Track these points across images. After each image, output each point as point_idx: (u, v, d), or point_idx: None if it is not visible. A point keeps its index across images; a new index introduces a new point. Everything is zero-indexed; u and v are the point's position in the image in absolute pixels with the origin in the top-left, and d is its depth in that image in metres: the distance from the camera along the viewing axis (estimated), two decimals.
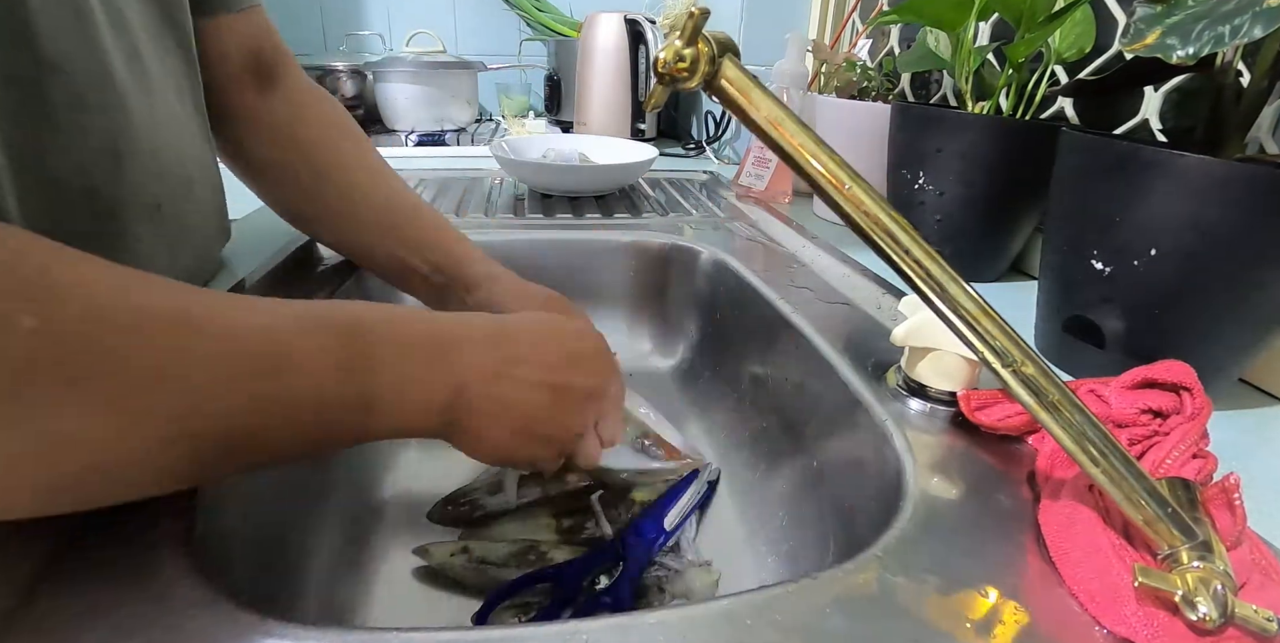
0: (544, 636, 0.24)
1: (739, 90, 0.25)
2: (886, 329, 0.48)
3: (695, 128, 1.37)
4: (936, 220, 0.60)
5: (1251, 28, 0.31)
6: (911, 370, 0.39)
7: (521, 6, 1.54)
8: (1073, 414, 0.25)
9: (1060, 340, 0.45)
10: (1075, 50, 0.55)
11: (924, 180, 0.60)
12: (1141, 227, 0.39)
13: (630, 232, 0.70)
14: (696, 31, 0.24)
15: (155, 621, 0.23)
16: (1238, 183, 0.35)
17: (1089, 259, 0.42)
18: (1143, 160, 0.38)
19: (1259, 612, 0.23)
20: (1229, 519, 0.28)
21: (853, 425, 0.40)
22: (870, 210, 0.25)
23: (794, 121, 0.25)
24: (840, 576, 0.27)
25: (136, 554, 0.26)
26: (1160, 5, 0.36)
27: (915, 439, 0.36)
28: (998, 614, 0.25)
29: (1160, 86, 0.53)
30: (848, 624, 0.24)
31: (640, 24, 1.19)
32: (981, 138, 0.56)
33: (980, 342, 0.26)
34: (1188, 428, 0.31)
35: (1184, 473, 0.30)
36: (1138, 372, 0.34)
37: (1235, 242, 0.36)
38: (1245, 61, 0.44)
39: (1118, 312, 0.41)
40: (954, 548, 0.28)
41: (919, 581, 0.26)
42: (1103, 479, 0.25)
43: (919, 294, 0.26)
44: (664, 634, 0.24)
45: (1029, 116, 0.58)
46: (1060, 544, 0.28)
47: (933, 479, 0.33)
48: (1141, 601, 0.24)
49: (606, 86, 1.23)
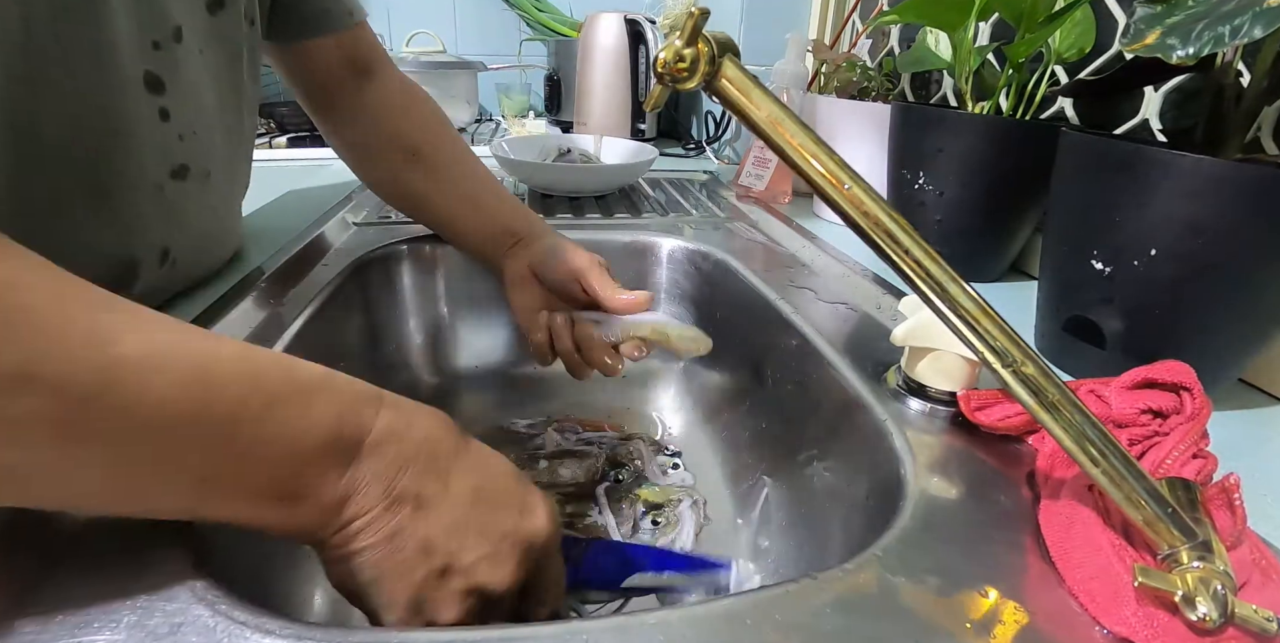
0: (544, 636, 0.24)
1: (739, 90, 0.25)
2: (886, 329, 0.48)
3: (695, 128, 1.37)
4: (936, 220, 0.60)
5: (1251, 28, 0.31)
6: (911, 370, 0.39)
7: (521, 6, 1.54)
8: (1073, 414, 0.25)
9: (1060, 340, 0.45)
10: (1075, 50, 0.55)
11: (924, 180, 0.60)
12: (1141, 227, 0.39)
13: (630, 232, 0.70)
14: (696, 31, 0.24)
15: (155, 620, 0.23)
16: (1238, 183, 0.35)
17: (1089, 259, 0.42)
18: (1143, 160, 0.38)
19: (1259, 612, 0.23)
20: (1229, 519, 0.28)
21: (853, 425, 0.40)
22: (870, 210, 0.25)
23: (794, 122, 0.25)
24: (840, 576, 0.27)
25: (137, 553, 0.26)
26: (1160, 5, 0.36)
27: (915, 439, 0.36)
28: (998, 614, 0.25)
29: (1160, 87, 0.53)
30: (848, 624, 0.24)
31: (640, 24, 1.19)
32: (982, 138, 0.56)
33: (980, 342, 0.26)
34: (1188, 428, 0.31)
35: (1184, 473, 0.30)
36: (1138, 372, 0.34)
37: (1235, 242, 0.36)
38: (1245, 61, 0.44)
39: (1118, 312, 0.41)
40: (954, 548, 0.28)
41: (919, 581, 0.26)
42: (1103, 479, 0.25)
43: (919, 294, 0.26)
44: (664, 634, 0.24)
45: (1029, 117, 0.58)
46: (1060, 544, 0.28)
47: (933, 479, 0.33)
48: (1141, 601, 0.24)
49: (606, 87, 1.23)
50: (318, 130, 0.62)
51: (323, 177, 0.94)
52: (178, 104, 0.43)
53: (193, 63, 0.44)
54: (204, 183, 0.47)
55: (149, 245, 0.44)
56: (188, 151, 0.45)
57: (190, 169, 0.45)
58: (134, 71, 0.40)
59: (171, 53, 0.42)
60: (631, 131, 1.26)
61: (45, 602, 0.24)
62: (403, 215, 0.73)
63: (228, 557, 0.29)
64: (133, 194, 0.41)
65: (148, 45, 0.40)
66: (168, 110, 0.42)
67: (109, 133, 0.39)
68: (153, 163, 0.42)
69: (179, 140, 0.44)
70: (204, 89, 0.46)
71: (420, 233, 0.66)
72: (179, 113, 0.43)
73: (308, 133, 1.21)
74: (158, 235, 0.44)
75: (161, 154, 0.43)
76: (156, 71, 0.41)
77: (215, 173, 0.49)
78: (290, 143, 1.17)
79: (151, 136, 0.42)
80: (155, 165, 0.43)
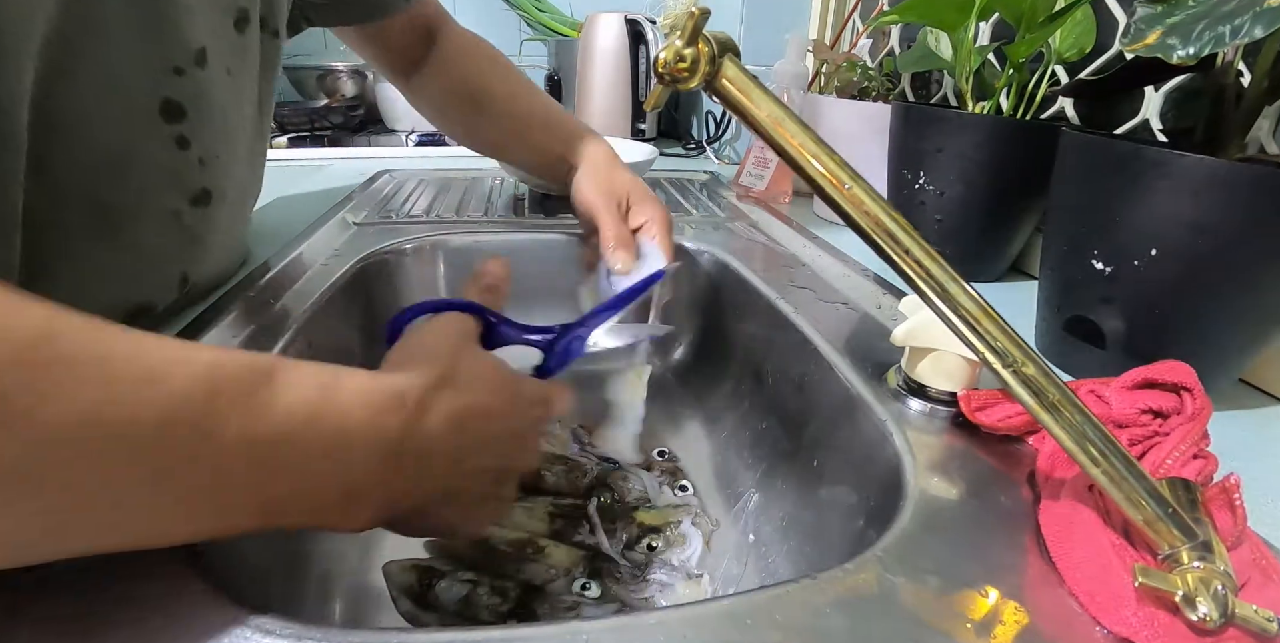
0: (544, 636, 0.24)
1: (739, 90, 0.25)
2: (886, 329, 0.48)
3: (695, 128, 1.37)
4: (937, 220, 0.60)
5: (1252, 28, 0.31)
6: (912, 370, 0.39)
7: (521, 6, 1.54)
8: (1073, 414, 0.25)
9: (1060, 340, 0.45)
10: (1076, 50, 0.55)
11: (924, 180, 0.60)
12: (1142, 227, 0.39)
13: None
14: (697, 31, 0.24)
15: (155, 620, 0.23)
16: (1238, 183, 0.35)
17: (1089, 259, 0.42)
18: (1143, 160, 0.38)
19: (1259, 612, 0.23)
20: (1229, 519, 0.28)
21: (853, 425, 0.40)
22: (870, 210, 0.25)
23: (794, 122, 0.25)
24: (840, 576, 0.27)
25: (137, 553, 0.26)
26: (1160, 5, 0.36)
27: (915, 439, 0.36)
28: (998, 614, 0.25)
29: (1160, 86, 0.53)
30: (848, 624, 0.24)
31: (640, 24, 1.19)
32: (982, 138, 0.56)
33: (980, 342, 0.26)
34: (1188, 428, 0.31)
35: (1184, 473, 0.30)
36: (1138, 372, 0.34)
37: (1235, 242, 0.36)
38: (1245, 61, 0.44)
39: (1118, 312, 0.41)
40: (954, 548, 0.28)
41: (919, 581, 0.26)
42: (1103, 479, 0.25)
43: (919, 294, 0.26)
44: (664, 634, 0.24)
45: (1029, 117, 0.58)
46: (1060, 544, 0.28)
47: (933, 479, 0.33)
48: (1142, 601, 0.24)
49: (607, 87, 1.23)
50: (318, 130, 0.62)
51: (323, 177, 0.94)
52: (199, 129, 0.42)
53: (218, 85, 0.43)
54: (222, 205, 0.46)
55: (167, 274, 0.43)
56: (209, 177, 0.44)
57: (212, 194, 0.44)
58: (147, 101, 0.39)
59: (194, 77, 0.41)
60: (632, 132, 1.26)
61: (45, 602, 0.24)
62: (403, 215, 0.73)
63: (228, 557, 0.28)
64: (146, 224, 0.41)
65: (166, 72, 0.39)
66: (186, 137, 0.41)
67: (117, 164, 0.38)
68: (168, 192, 0.41)
69: (200, 165, 0.43)
70: (229, 111, 0.45)
71: (421, 233, 0.66)
72: (200, 138, 0.42)
73: (308, 133, 1.21)
74: (176, 263, 0.44)
75: (178, 182, 0.42)
76: (177, 98, 0.40)
77: (233, 192, 0.48)
78: (290, 143, 1.17)
79: (167, 165, 0.41)
80: (171, 194, 0.42)
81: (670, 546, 0.46)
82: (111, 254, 0.39)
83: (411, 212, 0.75)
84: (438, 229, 0.68)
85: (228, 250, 0.51)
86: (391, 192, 0.85)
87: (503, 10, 1.55)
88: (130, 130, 0.38)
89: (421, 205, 0.78)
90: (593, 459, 0.54)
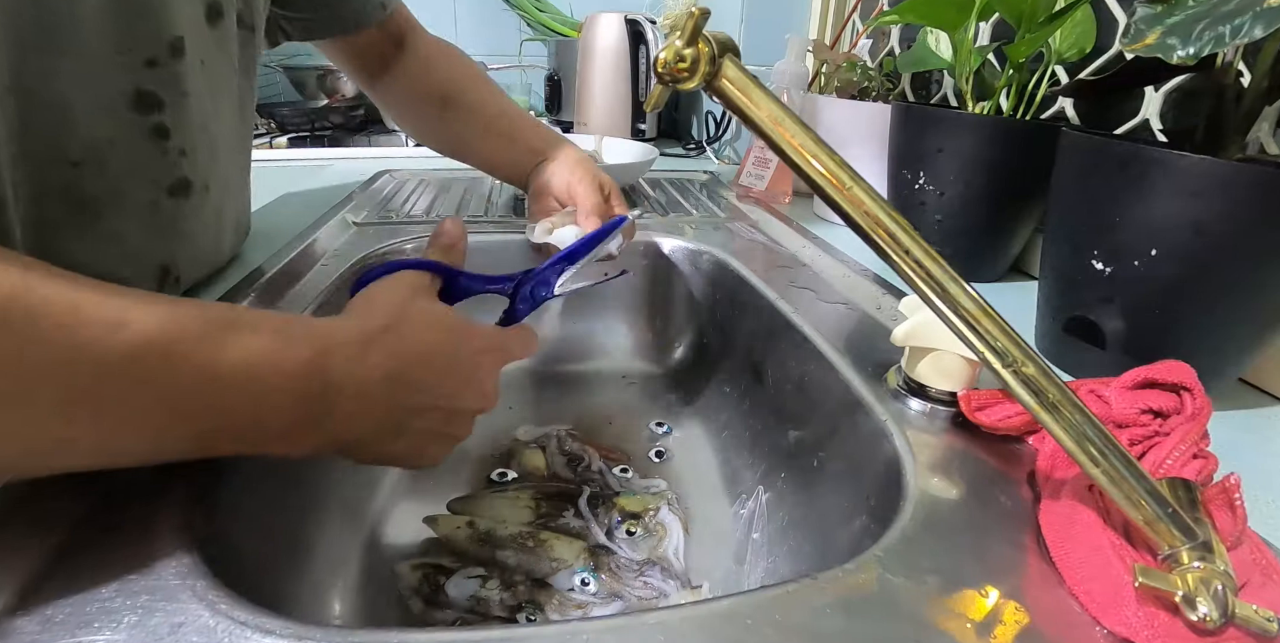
0: (544, 636, 0.24)
1: (739, 90, 0.25)
2: (886, 329, 0.48)
3: (695, 128, 1.37)
4: (937, 220, 0.60)
5: (1252, 28, 0.31)
6: (912, 370, 0.39)
7: (522, 6, 1.54)
8: (1073, 414, 0.25)
9: (1060, 340, 0.45)
10: (1076, 50, 0.55)
11: (924, 180, 0.60)
12: (1141, 227, 0.39)
13: None
14: (697, 31, 0.24)
15: (156, 620, 0.23)
16: (1238, 183, 0.35)
17: (1089, 259, 0.42)
18: (1143, 160, 0.38)
19: (1259, 612, 0.23)
20: (1229, 519, 0.28)
21: (853, 425, 0.40)
22: (871, 210, 0.25)
23: (794, 122, 0.25)
24: (840, 576, 0.27)
25: (138, 552, 0.26)
26: (1160, 5, 0.36)
27: (915, 439, 0.36)
28: (998, 614, 0.25)
29: (1160, 86, 0.53)
30: (848, 624, 0.24)
31: (640, 24, 1.19)
32: (982, 138, 0.56)
33: (980, 342, 0.26)
34: (1188, 428, 0.31)
35: (1184, 473, 0.30)
36: (1138, 372, 0.34)
37: (1235, 242, 0.36)
38: (1245, 61, 0.44)
39: (1118, 312, 0.41)
40: (954, 548, 0.28)
41: (919, 581, 0.26)
42: (1103, 480, 0.25)
43: (919, 294, 0.26)
44: (664, 634, 0.24)
45: (1029, 117, 0.58)
46: (1060, 544, 0.28)
47: (933, 479, 0.33)
48: (1142, 601, 0.24)
49: (607, 87, 1.23)
50: (318, 130, 0.63)
51: (323, 177, 0.94)
52: (177, 120, 0.42)
53: (194, 77, 0.43)
54: (204, 197, 0.47)
55: (146, 264, 0.43)
56: (189, 167, 0.44)
57: (192, 184, 0.45)
58: (118, 91, 0.39)
59: (170, 68, 0.41)
60: (632, 132, 1.26)
61: (46, 602, 0.24)
62: (403, 215, 0.73)
63: (228, 557, 0.29)
64: (124, 213, 0.41)
65: (138, 64, 0.39)
66: (165, 126, 0.42)
67: (90, 153, 0.38)
68: (145, 181, 0.42)
69: (181, 156, 0.43)
70: (206, 102, 0.45)
71: (421, 233, 0.66)
72: (179, 128, 0.43)
73: (308, 133, 1.21)
74: (155, 253, 0.44)
75: (155, 171, 0.42)
76: (153, 89, 0.40)
77: (216, 184, 0.48)
78: (290, 143, 1.17)
79: (143, 155, 0.41)
80: (147, 183, 0.42)
81: (650, 534, 0.47)
82: (90, 244, 0.40)
83: (412, 212, 0.75)
84: None
85: (213, 244, 0.51)
86: (392, 192, 0.85)
87: (503, 10, 1.55)
88: (107, 120, 0.39)
89: (422, 205, 0.78)
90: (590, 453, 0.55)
